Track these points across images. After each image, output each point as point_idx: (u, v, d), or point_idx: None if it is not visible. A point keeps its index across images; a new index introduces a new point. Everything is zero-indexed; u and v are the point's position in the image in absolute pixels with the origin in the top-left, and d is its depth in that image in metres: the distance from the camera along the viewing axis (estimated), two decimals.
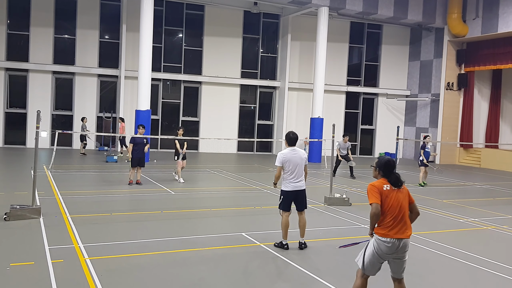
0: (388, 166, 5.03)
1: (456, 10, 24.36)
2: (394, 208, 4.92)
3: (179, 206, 10.94)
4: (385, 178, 5.03)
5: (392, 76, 27.91)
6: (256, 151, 26.47)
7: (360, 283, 5.16)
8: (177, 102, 25.23)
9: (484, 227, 10.05)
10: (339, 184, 15.31)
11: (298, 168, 7.54)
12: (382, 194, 4.93)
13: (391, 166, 5.03)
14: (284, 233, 7.61)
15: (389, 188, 4.95)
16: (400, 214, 4.94)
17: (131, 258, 6.78)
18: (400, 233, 4.92)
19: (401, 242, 4.93)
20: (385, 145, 27.80)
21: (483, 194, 15.28)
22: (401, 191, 5.00)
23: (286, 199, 7.60)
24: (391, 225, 4.92)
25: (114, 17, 23.71)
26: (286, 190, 7.59)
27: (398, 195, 4.96)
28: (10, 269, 6.09)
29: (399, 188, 4.99)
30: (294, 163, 7.50)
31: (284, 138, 7.78)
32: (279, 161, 7.55)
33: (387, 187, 4.95)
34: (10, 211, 8.59)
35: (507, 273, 6.96)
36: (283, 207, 7.62)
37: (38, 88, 22.90)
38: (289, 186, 7.57)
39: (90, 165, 17.82)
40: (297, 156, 7.55)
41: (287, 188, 7.58)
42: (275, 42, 26.67)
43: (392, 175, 5.01)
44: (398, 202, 4.94)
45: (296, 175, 7.54)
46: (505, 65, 23.49)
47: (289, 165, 7.50)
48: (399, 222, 4.93)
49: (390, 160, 5.08)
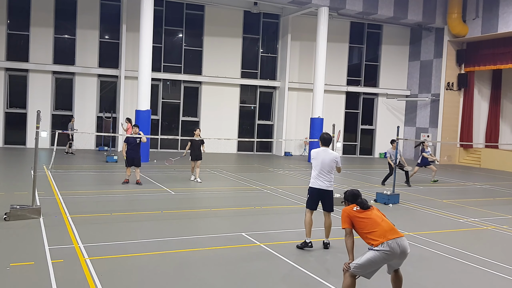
0: (353, 195, 5.60)
1: (456, 10, 24.37)
2: (375, 221, 5.26)
3: (179, 206, 10.94)
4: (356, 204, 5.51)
5: (392, 76, 27.91)
6: (256, 151, 26.47)
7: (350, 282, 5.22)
8: (177, 102, 25.23)
9: (484, 227, 10.05)
10: (339, 184, 15.32)
11: (323, 167, 7.62)
12: (352, 217, 5.36)
13: (355, 195, 5.59)
14: (306, 231, 7.71)
15: (359, 208, 5.39)
16: (384, 223, 5.26)
17: (131, 258, 6.78)
18: (393, 234, 5.17)
19: (400, 242, 5.12)
20: (385, 145, 27.67)
21: (483, 194, 15.28)
22: (372, 210, 5.43)
23: (311, 197, 7.80)
24: (382, 233, 5.16)
25: (114, 17, 23.71)
26: (310, 187, 7.81)
27: (372, 212, 5.38)
28: (10, 269, 6.09)
29: (368, 209, 5.41)
30: (322, 162, 7.63)
31: (318, 138, 7.99)
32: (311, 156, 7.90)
33: (357, 208, 5.40)
34: (10, 211, 8.59)
35: (507, 273, 6.96)
36: (307, 204, 7.85)
37: (38, 88, 22.90)
38: (315, 183, 7.73)
39: (90, 165, 17.82)
40: (327, 155, 7.64)
41: (311, 185, 7.79)
42: (275, 42, 26.68)
43: (358, 201, 5.49)
44: (375, 216, 5.34)
45: (320, 174, 7.65)
46: (505, 65, 23.49)
47: (316, 163, 7.68)
48: (388, 228, 5.22)
49: (354, 190, 5.67)
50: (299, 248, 7.65)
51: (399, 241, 5.13)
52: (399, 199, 12.38)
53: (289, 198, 12.50)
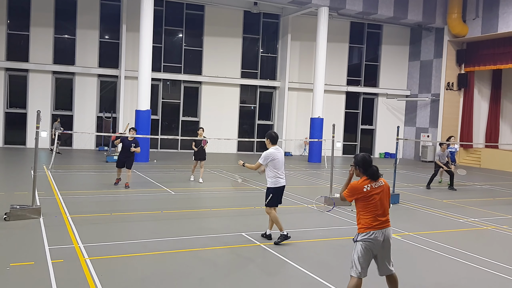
0: (365, 162, 5.32)
1: (456, 10, 24.37)
2: (375, 206, 5.15)
3: (179, 206, 10.93)
4: (365, 174, 5.28)
5: (392, 76, 27.91)
6: (256, 151, 26.46)
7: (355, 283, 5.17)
8: (177, 102, 25.23)
9: (484, 227, 10.05)
10: (339, 184, 15.31)
11: (282, 165, 7.98)
12: (360, 194, 5.22)
13: (368, 162, 5.31)
14: (280, 226, 7.90)
15: (369, 188, 5.19)
16: (381, 211, 5.18)
17: (131, 258, 6.78)
18: (382, 225, 5.15)
19: (385, 232, 5.14)
20: (385, 145, 27.82)
21: (483, 194, 15.28)
22: (381, 187, 5.23)
23: (276, 195, 7.97)
24: (372, 221, 5.14)
25: (114, 17, 23.71)
26: (276, 187, 7.95)
27: (378, 193, 5.19)
28: (10, 269, 6.09)
29: (379, 184, 5.22)
30: (281, 160, 7.95)
31: (266, 137, 8.04)
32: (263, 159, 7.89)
33: (368, 188, 5.19)
34: (10, 211, 8.59)
35: (507, 273, 6.96)
36: (272, 203, 7.98)
37: (38, 88, 22.90)
38: (280, 181, 7.94)
39: (90, 165, 17.82)
40: (281, 153, 7.97)
41: (277, 184, 7.93)
42: (275, 42, 26.67)
43: (370, 168, 5.26)
44: (379, 200, 5.18)
45: (282, 172, 7.98)
46: (505, 65, 23.49)
47: (278, 162, 7.89)
48: (380, 218, 5.16)
49: (366, 156, 5.38)
50: (278, 243, 7.78)
51: (384, 231, 5.14)
52: (399, 199, 12.38)
53: (289, 198, 12.50)
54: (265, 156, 7.81)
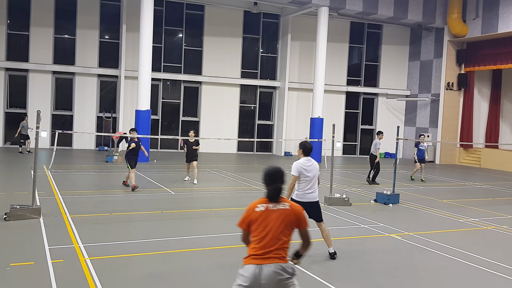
0: (269, 177, 4.04)
1: (456, 10, 24.36)
2: (265, 232, 3.93)
3: (179, 206, 10.93)
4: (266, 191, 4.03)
5: (392, 76, 27.91)
6: (256, 151, 26.46)
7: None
8: (177, 102, 25.23)
9: (484, 227, 10.05)
10: (339, 184, 15.31)
11: (314, 179, 7.19)
12: (251, 217, 3.98)
13: (272, 176, 4.03)
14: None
15: (263, 209, 3.96)
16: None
17: (131, 258, 6.78)
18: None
19: (263, 269, 3.85)
20: (385, 145, 27.76)
21: (483, 194, 15.28)
22: (283, 212, 3.97)
23: None
24: (255, 250, 3.96)
25: (114, 17, 23.70)
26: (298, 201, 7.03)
27: (275, 217, 3.94)
28: (10, 269, 6.09)
29: (280, 207, 3.98)
30: (311, 174, 7.11)
31: (299, 147, 7.21)
32: (295, 170, 7.06)
33: (262, 208, 3.97)
34: (10, 211, 8.59)
35: (507, 273, 6.96)
36: None
37: (38, 88, 22.90)
38: (304, 197, 7.15)
39: (90, 165, 17.82)
40: (313, 166, 7.16)
41: (300, 199, 7.13)
42: (275, 42, 26.67)
43: (272, 186, 3.99)
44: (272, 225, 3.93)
45: (311, 186, 7.17)
46: (505, 65, 23.48)
47: (305, 176, 7.07)
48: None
49: (272, 171, 4.06)
50: None
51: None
52: (399, 199, 12.38)
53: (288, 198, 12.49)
54: (295, 167, 7.03)
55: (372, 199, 12.54)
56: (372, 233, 9.02)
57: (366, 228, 9.41)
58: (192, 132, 14.37)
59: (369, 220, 10.08)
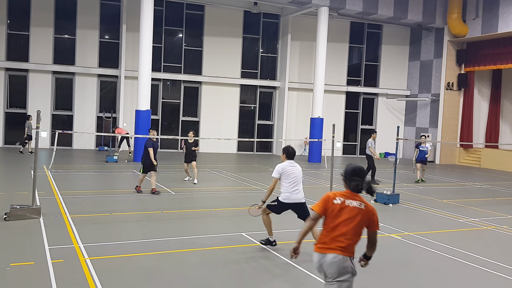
0: (354, 174, 4.29)
1: (456, 10, 24.36)
2: (336, 224, 4.19)
3: (179, 206, 10.93)
4: (349, 187, 4.29)
5: (392, 76, 27.91)
6: (256, 151, 26.47)
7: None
8: (177, 102, 25.23)
9: (484, 227, 10.05)
10: (339, 184, 15.31)
11: (298, 181, 7.49)
12: (328, 205, 4.23)
13: (357, 174, 4.28)
14: (269, 230, 7.62)
15: (340, 202, 4.19)
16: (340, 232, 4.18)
17: (131, 258, 6.78)
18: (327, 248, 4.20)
19: (326, 257, 4.18)
20: (385, 145, 27.80)
21: (483, 194, 15.28)
22: (360, 211, 4.19)
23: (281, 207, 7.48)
24: (323, 238, 4.26)
25: (114, 17, 23.70)
26: (285, 203, 7.40)
27: (350, 213, 4.17)
28: (10, 269, 6.09)
29: (358, 206, 4.19)
30: (294, 175, 7.45)
31: (283, 152, 7.65)
32: (276, 172, 7.42)
33: (338, 201, 4.20)
34: (10, 211, 8.59)
35: (507, 273, 6.96)
36: (274, 210, 7.50)
37: (38, 88, 22.90)
38: (290, 199, 7.37)
39: (90, 165, 17.82)
40: (296, 169, 7.54)
41: (286, 200, 7.38)
42: (275, 42, 26.67)
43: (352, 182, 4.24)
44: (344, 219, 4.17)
45: (296, 188, 7.44)
46: (505, 65, 23.49)
47: (289, 178, 7.41)
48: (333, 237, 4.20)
49: (356, 168, 4.30)
50: (264, 244, 7.62)
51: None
52: (399, 199, 12.38)
53: None
54: (277, 169, 7.46)
55: (372, 199, 12.53)
56: None
57: None
58: (191, 133, 14.36)
59: None
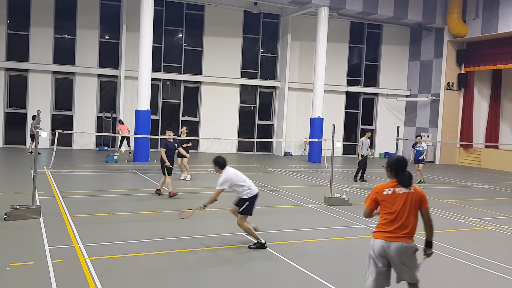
0: (398, 164, 4.70)
1: (456, 10, 24.36)
2: (392, 212, 4.61)
3: (179, 206, 10.91)
4: (396, 178, 4.68)
5: (392, 76, 27.91)
6: (256, 151, 26.46)
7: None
8: (177, 102, 25.23)
9: (484, 227, 10.05)
10: (339, 184, 15.32)
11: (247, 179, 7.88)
12: (379, 198, 4.67)
13: (401, 164, 4.69)
14: (255, 235, 7.67)
15: (391, 192, 4.62)
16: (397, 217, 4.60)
17: (131, 258, 6.78)
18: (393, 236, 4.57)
19: (390, 245, 4.56)
20: (385, 145, 27.81)
21: (483, 194, 15.28)
22: (409, 195, 4.61)
23: (253, 204, 7.83)
24: (383, 227, 4.64)
25: (114, 17, 23.70)
26: (255, 195, 7.82)
27: (402, 199, 4.59)
28: (10, 269, 6.09)
29: (408, 191, 4.61)
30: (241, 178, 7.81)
31: (214, 165, 7.81)
32: (224, 183, 7.63)
33: (389, 191, 4.62)
34: (10, 211, 8.59)
35: (507, 273, 6.96)
36: (250, 212, 7.77)
37: (38, 88, 22.90)
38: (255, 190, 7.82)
39: (90, 165, 17.82)
40: (238, 172, 7.92)
41: (255, 192, 7.81)
42: (275, 42, 26.67)
43: (402, 173, 4.65)
44: (399, 206, 4.59)
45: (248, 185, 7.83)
46: (505, 65, 23.49)
47: (238, 182, 7.74)
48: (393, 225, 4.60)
49: (400, 158, 4.74)
50: (256, 248, 7.53)
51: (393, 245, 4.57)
52: None
53: (289, 198, 12.50)
54: (223, 181, 7.61)
55: None
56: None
57: (366, 228, 9.41)
58: (184, 129, 14.39)
59: (369, 220, 10.07)
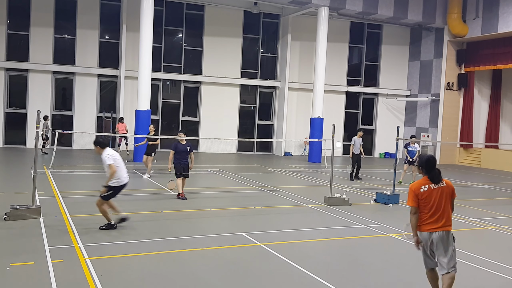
0: (429, 163, 5.45)
1: (456, 10, 24.36)
2: (431, 206, 5.34)
3: (179, 206, 10.93)
4: (427, 175, 5.44)
5: (392, 76, 27.91)
6: (256, 151, 26.46)
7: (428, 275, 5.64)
8: (177, 102, 25.23)
9: (484, 227, 10.05)
10: (339, 184, 15.32)
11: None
12: (418, 196, 5.35)
13: (432, 163, 5.45)
14: (109, 217, 8.36)
15: (426, 189, 5.35)
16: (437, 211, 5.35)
17: (131, 258, 6.78)
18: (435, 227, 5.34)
19: (433, 234, 5.34)
20: (385, 145, 27.82)
21: (483, 194, 15.28)
22: (443, 188, 5.42)
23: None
24: (426, 220, 5.36)
25: (114, 17, 23.70)
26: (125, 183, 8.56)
27: (437, 193, 5.36)
28: (10, 269, 6.09)
29: (440, 185, 5.41)
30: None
31: (96, 144, 8.36)
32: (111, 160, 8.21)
33: (425, 188, 5.35)
34: (10, 211, 8.59)
35: (507, 273, 6.96)
36: (111, 197, 8.43)
37: (38, 88, 22.89)
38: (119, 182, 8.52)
39: (90, 165, 17.82)
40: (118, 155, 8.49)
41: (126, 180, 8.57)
42: (275, 42, 26.67)
43: (433, 171, 5.41)
44: (436, 200, 5.36)
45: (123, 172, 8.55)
46: (505, 65, 23.49)
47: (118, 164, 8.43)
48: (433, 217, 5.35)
49: (430, 158, 5.49)
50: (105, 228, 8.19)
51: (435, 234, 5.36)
52: (399, 199, 12.38)
53: (289, 198, 12.50)
54: (108, 156, 8.14)
55: (372, 199, 12.54)
56: (372, 233, 9.02)
57: (366, 228, 9.42)
58: (151, 127, 15.25)
59: (369, 220, 10.09)
